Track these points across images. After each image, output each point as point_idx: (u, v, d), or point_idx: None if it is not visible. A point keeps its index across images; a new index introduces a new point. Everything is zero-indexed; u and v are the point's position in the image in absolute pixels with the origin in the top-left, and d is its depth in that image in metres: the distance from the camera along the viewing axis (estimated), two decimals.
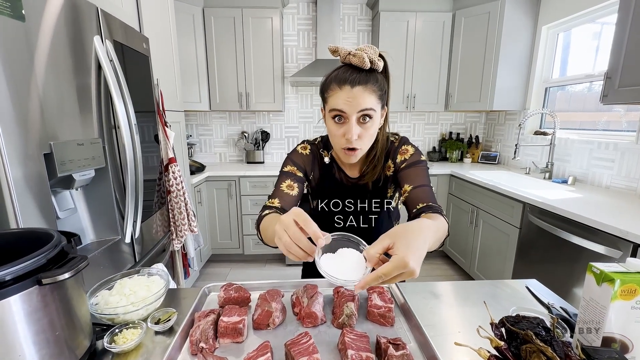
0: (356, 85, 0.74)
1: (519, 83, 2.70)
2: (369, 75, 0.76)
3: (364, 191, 0.95)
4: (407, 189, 0.84)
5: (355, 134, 0.76)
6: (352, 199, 0.95)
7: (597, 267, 0.56)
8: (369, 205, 0.95)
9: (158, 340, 0.68)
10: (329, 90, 0.79)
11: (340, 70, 0.78)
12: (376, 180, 0.93)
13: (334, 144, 0.84)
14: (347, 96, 0.74)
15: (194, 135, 3.28)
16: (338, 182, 0.94)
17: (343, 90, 0.75)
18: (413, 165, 0.88)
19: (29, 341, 0.50)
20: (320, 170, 0.96)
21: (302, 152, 0.96)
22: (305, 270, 1.14)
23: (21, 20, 0.83)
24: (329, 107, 0.79)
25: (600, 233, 1.41)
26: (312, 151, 0.96)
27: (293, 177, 0.91)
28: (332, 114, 0.78)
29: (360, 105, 0.74)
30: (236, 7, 2.71)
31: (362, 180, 0.93)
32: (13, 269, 0.48)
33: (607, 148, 2.02)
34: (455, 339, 0.66)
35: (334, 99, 0.77)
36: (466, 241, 2.57)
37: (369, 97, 0.75)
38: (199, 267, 2.64)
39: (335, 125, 0.80)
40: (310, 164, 0.95)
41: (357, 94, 0.74)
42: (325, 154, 0.95)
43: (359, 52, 0.75)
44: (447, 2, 2.81)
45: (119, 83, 1.17)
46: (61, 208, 1.06)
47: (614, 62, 1.56)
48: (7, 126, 0.80)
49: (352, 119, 0.76)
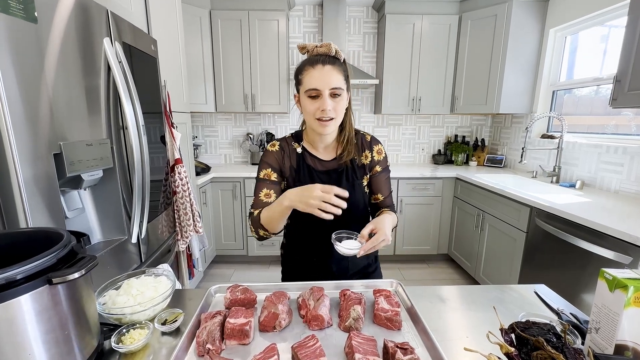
0: (327, 64, 0.88)
1: (525, 86, 2.68)
2: (335, 60, 0.90)
3: (338, 175, 1.00)
4: (379, 197, 1.06)
5: (329, 105, 0.88)
6: (326, 181, 0.97)
7: (609, 273, 0.55)
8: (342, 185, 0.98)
9: (164, 340, 0.68)
10: (303, 71, 0.91)
11: (312, 56, 0.91)
12: (351, 166, 1.01)
13: (309, 120, 0.93)
14: (320, 74, 0.87)
15: (199, 136, 3.30)
16: (312, 168, 1.00)
17: (316, 69, 0.88)
18: (384, 173, 1.06)
19: (39, 340, 0.50)
20: (294, 160, 1.01)
21: (272, 149, 1.02)
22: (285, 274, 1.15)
23: (34, 22, 0.84)
24: (305, 88, 0.90)
25: (609, 238, 1.39)
26: (281, 146, 1.03)
27: (268, 184, 0.99)
28: (308, 94, 0.89)
29: (331, 83, 0.87)
30: (243, 9, 2.73)
31: (340, 160, 1.00)
32: (24, 268, 0.48)
33: (616, 152, 1.99)
34: (463, 344, 0.65)
35: (308, 79, 0.89)
36: (472, 245, 2.55)
37: (337, 76, 0.88)
38: (203, 267, 2.65)
39: (310, 102, 0.90)
40: (281, 158, 1.01)
41: (327, 71, 0.87)
42: (296, 145, 1.02)
43: (325, 43, 0.90)
44: (454, 5, 2.80)
45: (128, 84, 1.19)
46: (69, 208, 1.07)
47: (623, 65, 1.54)
48: (17, 126, 0.81)
49: (325, 94, 0.88)
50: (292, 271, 1.11)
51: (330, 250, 1.00)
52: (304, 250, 1.06)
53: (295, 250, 1.09)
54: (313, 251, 1.04)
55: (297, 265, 1.09)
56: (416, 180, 2.79)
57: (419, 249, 2.96)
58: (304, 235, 1.05)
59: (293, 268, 1.11)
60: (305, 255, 1.06)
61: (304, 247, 1.06)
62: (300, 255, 1.08)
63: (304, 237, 1.05)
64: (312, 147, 1.02)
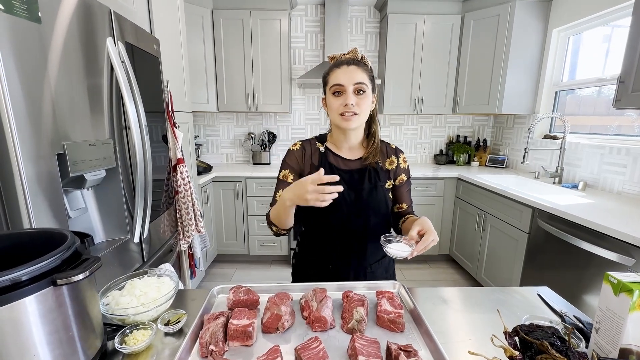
0: (351, 64, 0.92)
1: (528, 86, 2.67)
2: (360, 62, 0.94)
3: (360, 175, 1.00)
4: (403, 206, 1.09)
5: (352, 100, 0.90)
6: (348, 180, 0.97)
7: (614, 277, 0.55)
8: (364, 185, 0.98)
9: (167, 341, 0.68)
10: (330, 73, 0.94)
11: (338, 60, 0.96)
12: (374, 169, 1.01)
13: (333, 117, 0.95)
14: (344, 71, 0.91)
15: (201, 135, 3.30)
16: (334, 166, 1.00)
17: (341, 69, 0.92)
18: (408, 183, 1.08)
19: (43, 341, 0.50)
20: (315, 159, 1.02)
21: (293, 148, 1.04)
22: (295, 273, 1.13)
23: (37, 22, 0.84)
24: (330, 85, 0.93)
25: (612, 240, 1.39)
26: (303, 145, 1.04)
27: (285, 185, 0.99)
28: (333, 90, 0.92)
29: (355, 78, 0.90)
30: (245, 8, 2.73)
31: (365, 162, 1.00)
32: (29, 269, 0.48)
33: (619, 153, 1.98)
34: (467, 347, 0.65)
35: (333, 77, 0.92)
36: (473, 245, 2.55)
37: (361, 73, 0.91)
38: (205, 267, 2.65)
39: (335, 99, 0.93)
40: (302, 157, 1.03)
41: (352, 70, 0.91)
42: (320, 145, 1.04)
43: (351, 50, 0.96)
44: (456, 5, 2.79)
45: (130, 84, 1.19)
46: (72, 208, 1.07)
47: (627, 66, 1.54)
48: (21, 126, 0.81)
49: (349, 89, 0.90)
50: (306, 280, 1.06)
51: (348, 257, 1.01)
52: (320, 257, 1.03)
53: (310, 258, 1.06)
54: (329, 258, 1.02)
55: (311, 273, 1.06)
56: (418, 181, 2.78)
57: None
58: (320, 242, 1.03)
59: (307, 276, 1.07)
60: (321, 263, 1.04)
61: (319, 254, 1.03)
62: (315, 262, 1.05)
63: (320, 244, 1.02)
64: (336, 147, 1.03)
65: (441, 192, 2.84)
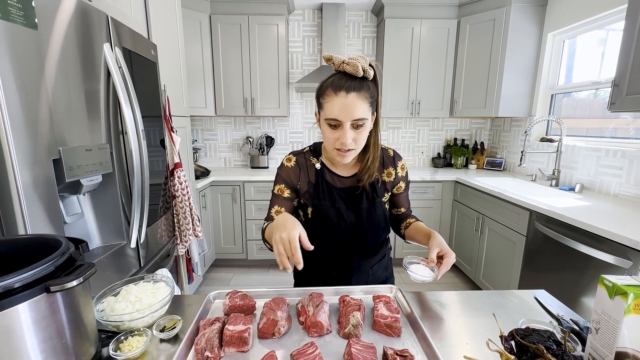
0: (351, 91, 0.79)
1: (524, 89, 2.69)
2: (362, 83, 0.81)
3: (358, 194, 0.97)
4: (402, 210, 1.07)
5: (349, 139, 0.82)
6: (345, 199, 0.96)
7: (609, 280, 0.55)
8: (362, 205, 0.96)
9: (163, 348, 0.68)
10: (324, 95, 0.84)
11: (335, 77, 0.83)
12: (372, 185, 0.97)
13: (328, 146, 0.89)
14: (342, 103, 0.80)
15: (199, 140, 3.30)
16: (331, 185, 0.97)
17: (338, 97, 0.80)
18: (406, 189, 1.06)
19: (36, 349, 0.50)
20: (312, 176, 0.98)
21: (287, 164, 0.99)
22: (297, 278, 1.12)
23: (34, 28, 0.85)
24: (325, 116, 0.84)
25: (609, 242, 1.39)
26: (298, 162, 0.99)
27: (281, 200, 0.97)
28: (328, 122, 0.84)
29: (353, 115, 0.80)
30: (242, 13, 2.74)
31: (359, 183, 0.96)
32: (22, 276, 0.48)
33: (615, 155, 1.99)
34: (463, 351, 0.65)
35: (329, 106, 0.82)
36: (471, 249, 2.55)
37: (361, 105, 0.80)
38: (203, 271, 2.64)
39: (330, 131, 0.85)
40: (297, 175, 0.98)
41: (351, 101, 0.79)
42: (315, 160, 0.99)
43: (352, 61, 0.80)
44: (452, 9, 2.82)
45: (127, 90, 1.19)
46: (68, 213, 1.06)
47: (621, 69, 1.55)
48: (17, 132, 0.81)
49: (346, 125, 0.81)
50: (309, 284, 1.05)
51: (350, 263, 1.00)
52: (322, 264, 1.01)
53: (312, 265, 1.02)
54: (332, 265, 1.01)
55: (313, 280, 1.04)
56: (416, 184, 2.79)
57: (418, 252, 2.95)
58: (322, 249, 0.99)
59: (309, 280, 1.05)
60: (323, 269, 1.02)
61: (322, 261, 1.01)
62: (317, 269, 1.03)
63: (323, 251, 0.99)
64: (332, 163, 0.99)
65: (439, 195, 2.84)
